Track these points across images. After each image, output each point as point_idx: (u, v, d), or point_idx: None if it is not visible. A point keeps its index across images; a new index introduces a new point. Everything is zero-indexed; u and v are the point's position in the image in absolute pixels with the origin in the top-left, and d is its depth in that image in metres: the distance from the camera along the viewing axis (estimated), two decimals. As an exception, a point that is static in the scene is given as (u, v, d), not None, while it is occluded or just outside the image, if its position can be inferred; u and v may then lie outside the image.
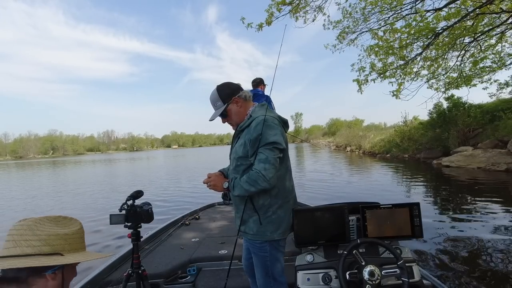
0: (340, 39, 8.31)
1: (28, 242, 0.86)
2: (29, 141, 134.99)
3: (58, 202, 10.07)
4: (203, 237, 3.54)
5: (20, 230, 0.87)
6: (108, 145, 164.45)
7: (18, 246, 0.85)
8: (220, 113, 1.73)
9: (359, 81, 7.99)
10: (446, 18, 6.89)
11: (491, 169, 10.81)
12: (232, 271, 1.96)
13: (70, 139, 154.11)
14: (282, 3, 7.02)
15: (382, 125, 52.73)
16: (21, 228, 0.87)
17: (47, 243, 0.88)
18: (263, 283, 1.73)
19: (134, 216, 1.84)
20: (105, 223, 6.33)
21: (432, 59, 8.11)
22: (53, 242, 0.89)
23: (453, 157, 13.02)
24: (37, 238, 0.87)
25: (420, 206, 1.77)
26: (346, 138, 34.28)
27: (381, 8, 7.40)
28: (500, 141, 12.73)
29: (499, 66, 7.96)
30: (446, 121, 16.00)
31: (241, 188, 1.59)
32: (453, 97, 15.72)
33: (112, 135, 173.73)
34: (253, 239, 1.70)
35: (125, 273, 1.89)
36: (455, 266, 3.47)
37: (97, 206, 8.94)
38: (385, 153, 21.01)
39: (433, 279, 2.19)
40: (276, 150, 1.59)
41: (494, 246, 3.96)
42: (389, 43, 7.65)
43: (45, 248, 0.87)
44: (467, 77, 8.12)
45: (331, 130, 78.43)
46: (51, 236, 0.89)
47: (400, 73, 8.05)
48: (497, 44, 7.73)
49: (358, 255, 1.55)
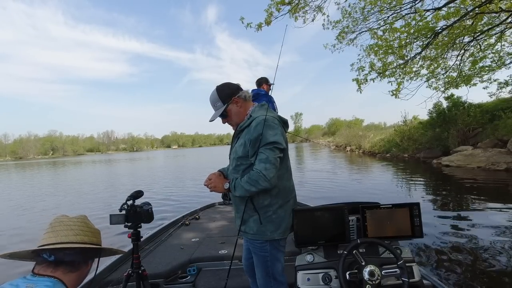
0: (339, 39, 8.32)
1: (85, 232, 1.07)
2: (29, 141, 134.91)
3: (57, 203, 10.08)
4: (203, 237, 3.54)
5: (77, 223, 1.07)
6: (108, 146, 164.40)
7: (78, 235, 1.04)
8: (220, 113, 1.73)
9: (358, 80, 7.98)
10: (445, 18, 6.90)
11: (491, 169, 10.80)
12: (232, 271, 1.95)
13: (70, 139, 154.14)
14: (281, 3, 7.01)
15: (382, 125, 52.83)
16: (78, 221, 1.08)
17: (95, 236, 1.11)
18: (264, 283, 1.73)
19: (134, 216, 1.83)
20: (105, 223, 6.34)
21: (431, 58, 8.11)
22: (97, 235, 1.13)
23: (453, 157, 13.01)
24: (89, 230, 1.09)
25: (420, 206, 1.76)
26: (346, 138, 34.23)
27: (380, 7, 7.40)
28: (500, 140, 12.73)
29: (499, 66, 7.95)
30: (446, 120, 15.99)
31: (242, 188, 1.59)
32: (452, 97, 15.70)
33: (112, 136, 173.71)
34: (254, 238, 1.70)
35: (125, 273, 1.88)
36: (455, 266, 3.47)
37: (97, 206, 8.93)
38: (385, 153, 21.01)
39: (433, 279, 2.19)
40: (277, 150, 1.59)
41: (494, 246, 3.96)
42: (388, 43, 7.65)
43: (94, 239, 1.10)
44: (467, 76, 8.12)
45: (331, 130, 78.50)
46: (96, 230, 1.13)
47: (399, 72, 8.05)
48: (496, 43, 7.73)
49: (358, 255, 1.55)
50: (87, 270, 1.07)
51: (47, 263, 0.96)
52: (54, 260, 0.96)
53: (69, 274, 0.98)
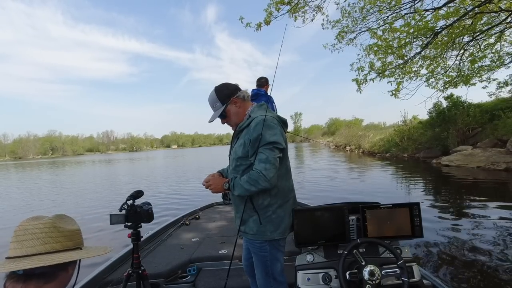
0: (339, 39, 8.30)
1: (55, 239, 0.90)
2: (28, 141, 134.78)
3: (56, 202, 10.07)
4: (203, 237, 3.54)
5: (43, 228, 0.89)
6: (107, 146, 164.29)
7: (47, 243, 0.88)
8: (219, 114, 1.73)
9: (358, 80, 7.98)
10: (444, 17, 6.89)
11: (491, 168, 10.82)
12: (232, 271, 1.96)
13: (70, 139, 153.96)
14: (280, 2, 6.99)
15: (381, 125, 52.78)
16: (45, 227, 0.90)
17: (69, 239, 0.94)
18: (263, 283, 1.73)
19: (134, 216, 1.84)
20: (105, 223, 6.34)
21: (431, 58, 8.11)
22: (74, 237, 0.96)
23: (452, 157, 13.03)
24: (61, 234, 0.92)
25: (420, 206, 1.76)
26: (346, 137, 34.27)
27: (380, 7, 7.40)
28: (500, 140, 12.75)
29: (498, 65, 7.95)
30: (446, 120, 16.01)
31: (242, 188, 1.59)
32: (452, 96, 15.72)
33: (112, 136, 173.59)
34: (253, 238, 1.70)
35: (125, 273, 1.89)
36: (455, 266, 3.48)
37: (97, 206, 8.92)
38: (385, 153, 21.02)
39: (433, 279, 2.19)
40: (276, 150, 1.59)
41: (494, 246, 3.96)
42: (388, 42, 7.65)
43: (69, 243, 0.93)
44: (466, 76, 8.12)
45: (330, 130, 78.37)
46: (71, 231, 0.96)
47: (399, 72, 8.05)
48: (496, 43, 7.73)
49: (358, 255, 1.55)
50: (69, 275, 0.94)
51: (17, 276, 0.84)
52: (23, 274, 0.84)
53: (45, 286, 0.87)
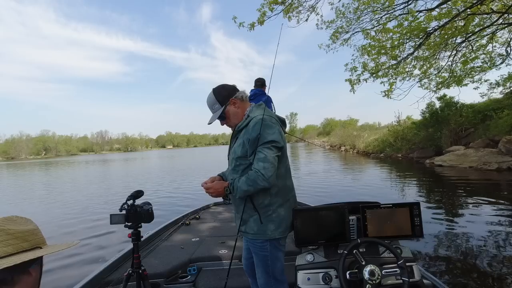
0: (333, 39, 8.34)
1: (5, 242, 0.81)
2: (21, 141, 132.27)
3: (57, 202, 9.97)
4: (203, 237, 3.54)
5: None
6: (101, 146, 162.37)
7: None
8: (218, 115, 1.74)
9: (351, 81, 8.04)
10: (437, 18, 6.98)
11: (483, 168, 10.97)
12: (232, 271, 1.96)
13: (63, 139, 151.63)
14: (274, 2, 6.95)
15: (376, 125, 53.05)
16: None
17: (24, 239, 0.85)
18: (264, 283, 1.74)
19: (135, 216, 1.84)
20: (105, 223, 6.30)
21: (424, 58, 8.21)
22: (29, 237, 0.86)
23: (445, 157, 13.19)
24: (12, 236, 0.83)
25: (420, 206, 1.77)
26: (341, 137, 34.45)
27: (373, 8, 7.46)
28: (492, 140, 12.94)
29: (490, 66, 8.08)
30: (439, 120, 16.20)
31: (242, 190, 1.59)
32: (445, 97, 15.91)
33: (106, 136, 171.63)
34: (254, 238, 1.70)
35: (125, 273, 1.88)
36: (455, 266, 3.50)
37: (97, 206, 8.86)
38: (379, 153, 21.17)
39: (433, 278, 2.20)
40: (275, 149, 1.60)
41: (493, 245, 4.01)
42: (381, 43, 7.72)
43: (24, 244, 0.84)
44: (458, 77, 8.23)
45: (325, 130, 78.66)
46: (25, 232, 0.86)
47: (392, 72, 8.13)
48: (488, 44, 7.86)
49: (358, 254, 1.56)
50: (34, 277, 0.85)
51: None
52: None
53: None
